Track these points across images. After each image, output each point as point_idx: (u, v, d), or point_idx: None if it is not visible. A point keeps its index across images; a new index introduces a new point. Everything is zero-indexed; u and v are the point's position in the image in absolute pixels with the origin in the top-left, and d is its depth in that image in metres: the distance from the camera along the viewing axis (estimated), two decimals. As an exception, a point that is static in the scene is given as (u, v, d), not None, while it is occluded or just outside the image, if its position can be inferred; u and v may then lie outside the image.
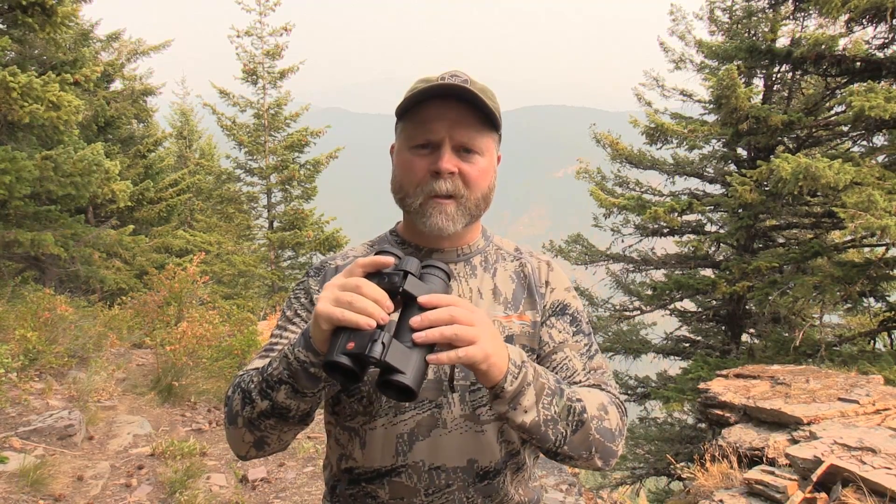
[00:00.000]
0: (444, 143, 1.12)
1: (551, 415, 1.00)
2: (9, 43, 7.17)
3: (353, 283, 0.91)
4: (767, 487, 3.47)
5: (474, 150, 1.14)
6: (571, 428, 1.02)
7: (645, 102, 12.62)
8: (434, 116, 1.12)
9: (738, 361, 8.83)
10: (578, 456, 1.06)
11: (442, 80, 1.12)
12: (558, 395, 1.01)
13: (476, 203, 1.16)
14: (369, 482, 1.15)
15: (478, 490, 1.14)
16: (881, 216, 6.21)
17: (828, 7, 7.41)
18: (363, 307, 0.88)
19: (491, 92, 1.16)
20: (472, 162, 1.14)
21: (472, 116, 1.12)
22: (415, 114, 1.14)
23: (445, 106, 1.11)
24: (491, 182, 1.19)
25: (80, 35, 11.98)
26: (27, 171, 7.27)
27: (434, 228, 1.14)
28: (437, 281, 0.98)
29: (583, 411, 1.03)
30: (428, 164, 1.13)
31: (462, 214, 1.15)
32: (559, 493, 4.57)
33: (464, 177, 1.13)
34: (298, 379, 1.00)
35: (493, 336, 0.93)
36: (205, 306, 9.43)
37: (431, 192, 1.13)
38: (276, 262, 15.23)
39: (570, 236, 12.80)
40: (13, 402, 4.96)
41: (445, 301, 0.91)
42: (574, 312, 1.25)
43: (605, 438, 1.06)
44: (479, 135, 1.14)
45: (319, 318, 0.91)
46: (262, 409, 1.05)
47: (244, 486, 4.47)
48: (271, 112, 14.95)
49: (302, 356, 0.98)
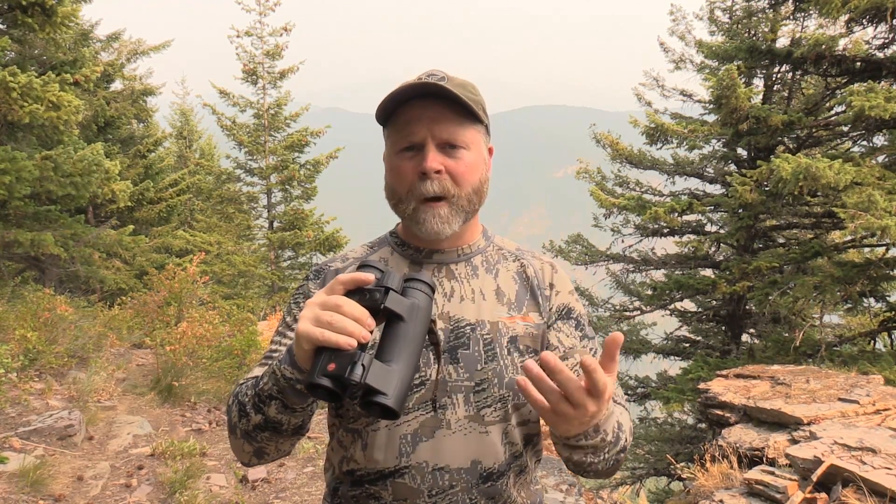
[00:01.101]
0: (427, 142, 1.12)
1: (600, 459, 1.04)
2: (9, 43, 7.18)
3: (334, 301, 0.90)
4: (767, 487, 3.47)
5: (458, 144, 1.13)
6: (609, 465, 1.07)
7: (645, 102, 12.63)
8: (413, 118, 1.12)
9: (738, 361, 8.83)
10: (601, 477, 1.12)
11: (419, 79, 1.12)
12: (614, 445, 1.04)
13: (468, 199, 1.16)
14: (372, 483, 1.15)
15: (481, 492, 1.14)
16: (881, 216, 6.21)
17: (828, 7, 7.41)
18: (343, 327, 0.88)
19: (472, 86, 1.16)
20: (458, 157, 1.13)
21: (451, 112, 1.12)
22: (395, 119, 1.14)
23: (423, 106, 1.11)
24: (482, 175, 1.18)
25: (80, 35, 11.98)
26: (27, 171, 7.27)
27: (431, 233, 1.14)
28: (419, 296, 0.97)
29: (623, 450, 1.08)
30: (414, 166, 1.13)
31: (456, 214, 1.15)
32: (559, 493, 4.57)
33: (451, 174, 1.13)
34: (287, 395, 1.00)
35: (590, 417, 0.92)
36: (205, 306, 9.43)
37: (422, 196, 1.13)
38: (276, 263, 15.23)
39: (570, 236, 12.80)
40: (13, 402, 4.95)
41: (569, 375, 0.88)
42: (578, 316, 1.26)
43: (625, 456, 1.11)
44: (461, 129, 1.13)
45: (300, 338, 0.90)
46: (256, 423, 1.06)
47: (244, 487, 4.47)
48: (271, 112, 14.95)
49: (288, 373, 0.98)
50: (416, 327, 0.94)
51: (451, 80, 1.13)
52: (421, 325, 0.95)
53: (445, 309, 1.18)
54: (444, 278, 1.21)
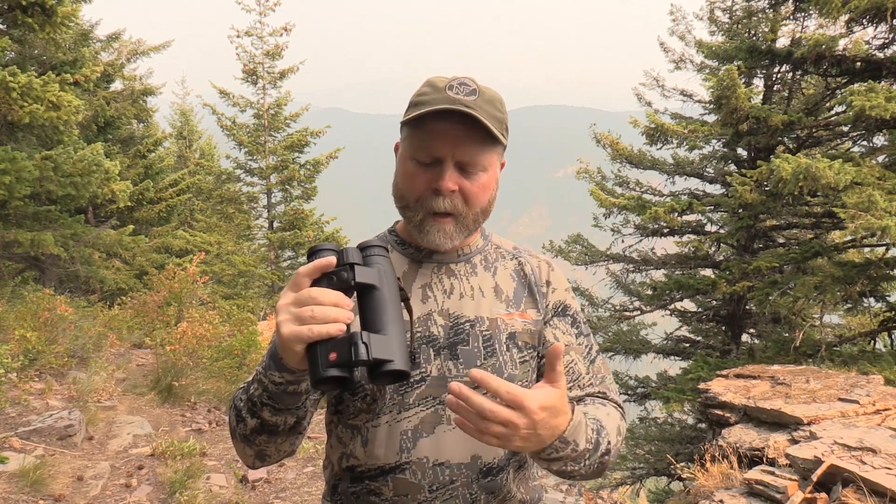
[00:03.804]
0: (447, 161, 1.11)
1: (579, 467, 1.03)
2: (9, 43, 7.18)
3: (307, 294, 0.90)
4: (768, 487, 3.47)
5: (477, 167, 1.13)
6: (593, 468, 1.06)
7: (645, 102, 12.62)
8: (438, 133, 1.10)
9: (739, 361, 8.83)
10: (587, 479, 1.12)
11: (449, 87, 1.10)
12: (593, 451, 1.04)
13: (475, 218, 1.17)
14: (373, 479, 1.16)
15: (481, 486, 1.15)
16: (881, 216, 6.21)
17: (828, 7, 7.40)
18: (327, 316, 0.88)
19: (500, 101, 1.15)
20: (474, 179, 1.13)
21: (476, 135, 1.10)
22: (419, 125, 1.12)
23: (450, 123, 1.09)
24: (491, 195, 1.18)
25: (80, 35, 11.97)
26: (27, 172, 7.27)
27: (431, 245, 1.16)
28: (381, 260, 0.99)
29: (606, 453, 1.07)
30: (429, 179, 1.12)
31: (460, 231, 1.16)
32: (559, 493, 4.57)
33: (464, 194, 1.13)
34: (278, 400, 1.01)
35: (533, 431, 0.91)
36: (205, 306, 9.43)
37: (431, 210, 1.13)
38: (276, 263, 15.24)
39: (570, 236, 12.79)
40: (13, 402, 4.95)
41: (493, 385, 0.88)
42: (574, 314, 1.28)
43: (614, 457, 1.11)
44: (483, 152, 1.13)
45: (289, 341, 0.89)
46: (252, 427, 1.06)
47: (244, 486, 4.47)
48: (271, 112, 14.96)
49: (277, 378, 0.98)
50: (391, 290, 0.96)
51: (482, 93, 1.11)
52: (393, 286, 0.97)
53: (445, 306, 1.19)
54: (444, 276, 1.22)
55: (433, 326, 1.17)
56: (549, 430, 0.93)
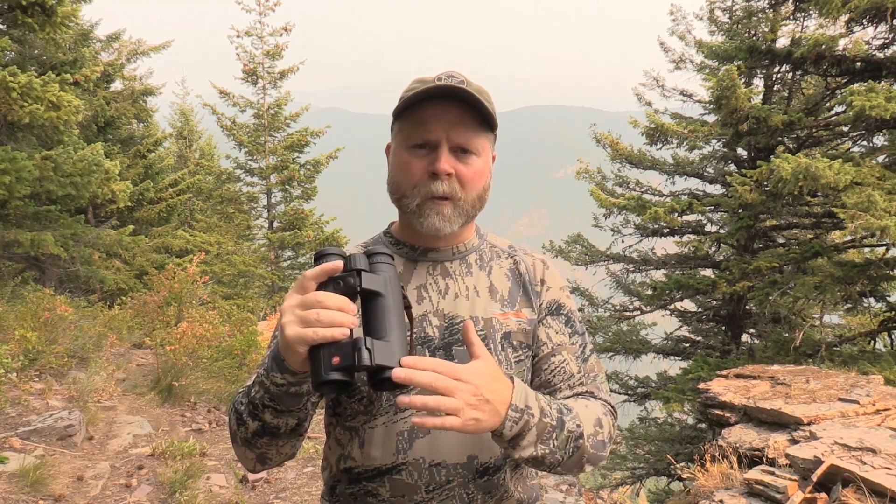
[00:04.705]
0: (442, 143, 1.12)
1: (550, 448, 1.03)
2: (9, 43, 7.17)
3: (313, 298, 0.90)
4: (767, 488, 3.46)
5: (471, 150, 1.14)
6: (568, 454, 1.06)
7: (645, 102, 12.63)
8: (432, 117, 1.12)
9: (739, 361, 8.83)
10: (570, 470, 1.11)
11: (439, 80, 1.12)
12: (559, 429, 1.04)
13: (472, 203, 1.17)
14: (370, 480, 1.16)
15: (478, 486, 1.15)
16: (881, 216, 6.21)
17: (828, 7, 7.40)
18: (332, 320, 0.88)
19: (487, 93, 1.17)
20: (469, 163, 1.14)
21: (470, 117, 1.13)
22: (412, 114, 1.14)
23: (443, 106, 1.12)
24: (486, 182, 1.19)
25: (80, 35, 11.96)
26: (27, 171, 7.27)
27: (431, 229, 1.15)
28: (387, 268, 0.99)
29: (580, 437, 1.07)
30: (425, 164, 1.13)
31: (458, 215, 1.16)
32: (559, 493, 4.57)
33: (460, 178, 1.14)
34: (279, 401, 1.01)
35: (480, 397, 0.92)
36: (205, 306, 9.43)
37: (429, 194, 1.13)
38: (276, 263, 15.24)
39: (570, 236, 12.80)
40: (13, 402, 4.95)
41: (425, 365, 0.89)
42: (568, 312, 1.28)
43: (597, 450, 1.11)
44: (476, 136, 1.14)
45: (292, 342, 0.90)
46: (254, 430, 1.07)
47: (244, 487, 4.47)
48: (271, 112, 14.96)
49: (279, 380, 0.98)
50: (395, 297, 0.97)
51: (470, 84, 1.13)
52: (397, 294, 0.98)
53: (440, 306, 1.19)
54: (439, 276, 1.22)
55: (428, 327, 1.17)
56: (495, 394, 0.94)
